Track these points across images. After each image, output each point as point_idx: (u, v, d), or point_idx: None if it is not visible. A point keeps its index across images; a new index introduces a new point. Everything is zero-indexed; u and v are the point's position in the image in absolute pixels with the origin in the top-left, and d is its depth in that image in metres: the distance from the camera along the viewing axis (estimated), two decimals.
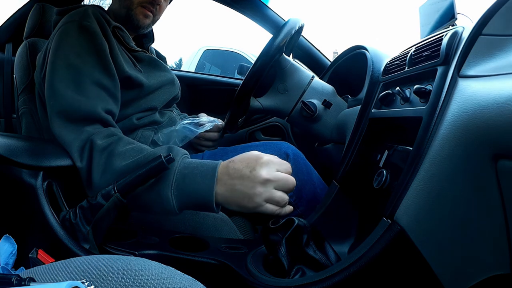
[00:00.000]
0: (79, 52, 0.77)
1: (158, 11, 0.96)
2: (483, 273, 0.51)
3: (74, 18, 0.81)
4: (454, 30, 0.62)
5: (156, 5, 0.93)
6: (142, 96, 0.88)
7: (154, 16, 0.96)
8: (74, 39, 0.78)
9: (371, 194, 0.72)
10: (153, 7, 0.93)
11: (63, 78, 0.75)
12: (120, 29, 0.88)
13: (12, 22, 1.31)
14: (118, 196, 0.62)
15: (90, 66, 0.76)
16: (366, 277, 0.54)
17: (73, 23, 0.79)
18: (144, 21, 0.93)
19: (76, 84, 0.74)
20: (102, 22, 0.83)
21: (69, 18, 0.81)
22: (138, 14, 0.92)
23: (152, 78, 0.90)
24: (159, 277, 0.36)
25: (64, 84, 0.74)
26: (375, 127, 0.79)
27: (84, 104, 0.73)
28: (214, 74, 1.86)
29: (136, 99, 0.87)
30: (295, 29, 0.99)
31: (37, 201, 0.63)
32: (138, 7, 0.91)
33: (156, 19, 0.98)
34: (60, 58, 0.76)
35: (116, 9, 0.93)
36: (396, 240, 0.52)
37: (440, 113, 0.53)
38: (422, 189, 0.52)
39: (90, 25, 0.79)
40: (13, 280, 0.32)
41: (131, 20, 0.92)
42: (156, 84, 0.91)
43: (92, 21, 0.81)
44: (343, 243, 0.75)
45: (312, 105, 1.04)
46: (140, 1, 0.91)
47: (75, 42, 0.78)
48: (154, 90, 0.91)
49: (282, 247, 0.62)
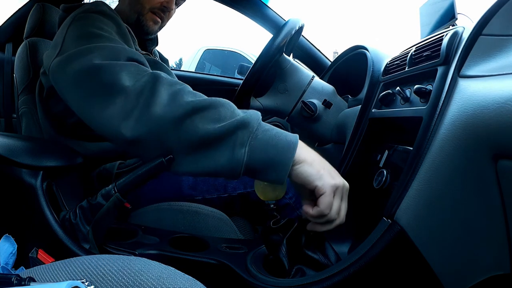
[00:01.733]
0: (104, 28, 0.70)
1: (167, 17, 0.96)
2: (483, 273, 0.51)
3: (87, 7, 0.78)
4: (455, 30, 0.62)
5: (167, 11, 0.93)
6: None
7: (162, 22, 0.95)
8: (95, 19, 0.72)
9: (371, 194, 0.72)
10: (163, 13, 0.92)
11: (93, 41, 0.65)
12: (127, 29, 0.88)
13: (12, 22, 1.31)
14: (118, 196, 0.62)
15: (119, 40, 0.70)
16: (366, 277, 0.54)
17: (89, 10, 0.76)
18: (153, 27, 0.93)
19: (111, 41, 0.65)
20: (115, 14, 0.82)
21: (81, 9, 0.77)
22: (148, 20, 0.91)
23: None
24: (159, 277, 0.36)
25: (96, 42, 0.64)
26: (375, 127, 0.79)
27: (123, 49, 0.64)
28: (214, 74, 1.86)
29: None
30: (295, 29, 0.99)
31: (37, 201, 0.63)
32: (149, 13, 0.91)
33: (164, 25, 0.98)
34: (83, 34, 0.67)
35: (125, 12, 0.92)
36: (396, 240, 0.52)
37: (440, 113, 0.53)
38: (422, 189, 0.52)
39: (108, 10, 0.78)
40: (13, 280, 0.32)
41: (140, 25, 0.92)
42: None
43: (108, 8, 0.79)
44: (343, 243, 0.75)
45: (312, 105, 1.04)
46: (152, 7, 0.90)
47: (98, 22, 0.72)
48: None
49: (283, 247, 0.62)
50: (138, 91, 0.56)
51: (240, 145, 0.54)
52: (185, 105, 0.55)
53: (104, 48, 0.62)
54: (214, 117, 0.55)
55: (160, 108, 0.54)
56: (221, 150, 0.54)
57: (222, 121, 0.55)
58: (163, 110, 0.54)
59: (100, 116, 0.58)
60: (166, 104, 0.55)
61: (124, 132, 0.55)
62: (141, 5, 0.90)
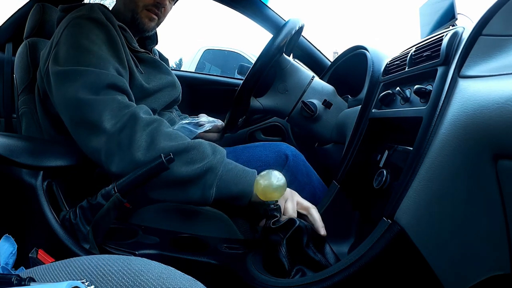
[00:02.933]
0: (95, 40, 0.76)
1: (163, 14, 0.96)
2: (483, 273, 0.51)
3: (82, 12, 0.81)
4: (454, 31, 0.62)
5: (161, 7, 0.93)
6: (140, 98, 0.88)
7: (159, 19, 0.95)
8: (87, 29, 0.77)
9: (371, 194, 0.72)
10: (158, 10, 0.92)
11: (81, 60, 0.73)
12: (123, 29, 0.88)
13: (12, 22, 1.31)
14: (118, 196, 0.62)
15: (106, 53, 0.76)
16: (366, 277, 0.54)
17: (83, 16, 0.80)
18: (149, 24, 0.93)
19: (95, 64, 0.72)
20: (109, 17, 0.84)
21: (77, 12, 0.82)
22: (143, 17, 0.92)
23: (152, 81, 0.90)
24: (159, 277, 0.36)
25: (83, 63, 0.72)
26: (375, 127, 0.79)
27: (105, 75, 0.71)
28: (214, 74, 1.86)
29: (135, 100, 0.87)
30: (295, 29, 0.99)
31: (37, 201, 0.63)
32: (144, 11, 0.91)
33: (161, 22, 0.98)
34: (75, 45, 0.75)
35: (121, 11, 0.93)
36: (396, 240, 0.52)
37: (440, 113, 0.53)
38: (422, 189, 0.52)
39: (100, 17, 0.80)
40: (13, 280, 0.32)
41: (136, 23, 0.92)
42: (156, 86, 0.91)
43: (101, 16, 0.81)
44: (343, 243, 0.75)
45: (312, 105, 1.04)
46: (145, 4, 0.90)
47: (89, 32, 0.77)
48: (154, 93, 0.91)
49: (283, 247, 0.62)
50: (117, 134, 0.66)
51: (208, 187, 0.67)
52: (162, 150, 0.65)
53: (89, 75, 0.71)
54: (187, 161, 0.66)
55: (140, 153, 0.65)
56: (193, 189, 0.67)
57: (194, 164, 0.66)
58: (143, 155, 0.65)
59: (87, 145, 0.69)
60: (145, 148, 0.65)
61: (110, 167, 0.67)
62: (135, 3, 0.90)
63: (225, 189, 0.67)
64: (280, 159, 0.89)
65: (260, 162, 0.89)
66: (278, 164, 0.88)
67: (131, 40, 0.90)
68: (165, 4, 0.92)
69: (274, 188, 0.65)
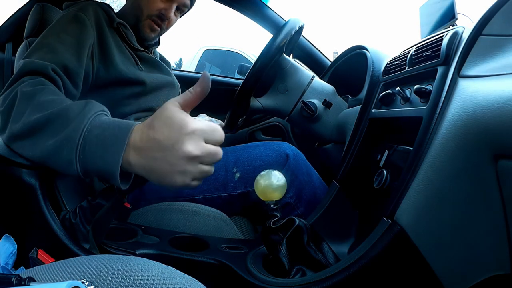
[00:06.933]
0: (61, 35, 0.75)
1: (166, 26, 0.95)
2: (483, 273, 0.51)
3: (74, 7, 0.82)
4: (455, 30, 0.62)
5: (165, 20, 0.92)
6: (141, 94, 0.88)
7: (161, 30, 0.94)
8: (63, 24, 0.78)
9: (371, 194, 0.72)
10: (161, 21, 0.92)
11: (36, 51, 0.71)
12: (124, 25, 0.88)
13: (12, 22, 1.31)
14: (118, 196, 0.62)
15: (63, 47, 0.73)
16: (366, 277, 0.54)
17: (71, 11, 0.80)
18: (150, 34, 0.93)
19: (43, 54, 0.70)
20: (100, 20, 0.83)
21: (70, 7, 0.83)
22: (145, 26, 0.91)
23: (152, 78, 0.90)
24: (159, 277, 0.36)
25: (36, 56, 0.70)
26: (375, 127, 0.79)
27: (34, 63, 0.67)
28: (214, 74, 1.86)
29: (134, 97, 0.87)
30: (295, 29, 0.99)
31: (37, 201, 0.63)
32: (147, 20, 0.91)
33: (163, 33, 0.97)
34: (43, 36, 0.76)
35: (126, 14, 0.93)
36: (396, 240, 0.52)
37: (440, 113, 0.53)
38: (422, 189, 0.52)
39: (83, 16, 0.79)
40: (13, 280, 0.32)
41: (137, 31, 0.92)
42: (156, 84, 0.91)
43: (88, 15, 0.80)
44: (343, 243, 0.75)
45: (312, 105, 1.04)
46: (149, 14, 0.90)
47: (62, 27, 0.77)
48: (153, 90, 0.91)
49: (283, 247, 0.62)
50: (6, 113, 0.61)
51: (69, 163, 0.54)
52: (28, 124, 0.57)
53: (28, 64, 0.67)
54: (53, 132, 0.56)
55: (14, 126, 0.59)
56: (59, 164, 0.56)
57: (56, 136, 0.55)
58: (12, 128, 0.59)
59: None
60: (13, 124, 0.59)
61: None
62: (141, 10, 0.90)
63: (91, 164, 0.53)
64: (281, 158, 0.89)
65: (261, 161, 0.89)
66: (278, 164, 0.88)
67: (131, 38, 0.90)
68: (169, 17, 0.92)
69: (274, 188, 0.65)
